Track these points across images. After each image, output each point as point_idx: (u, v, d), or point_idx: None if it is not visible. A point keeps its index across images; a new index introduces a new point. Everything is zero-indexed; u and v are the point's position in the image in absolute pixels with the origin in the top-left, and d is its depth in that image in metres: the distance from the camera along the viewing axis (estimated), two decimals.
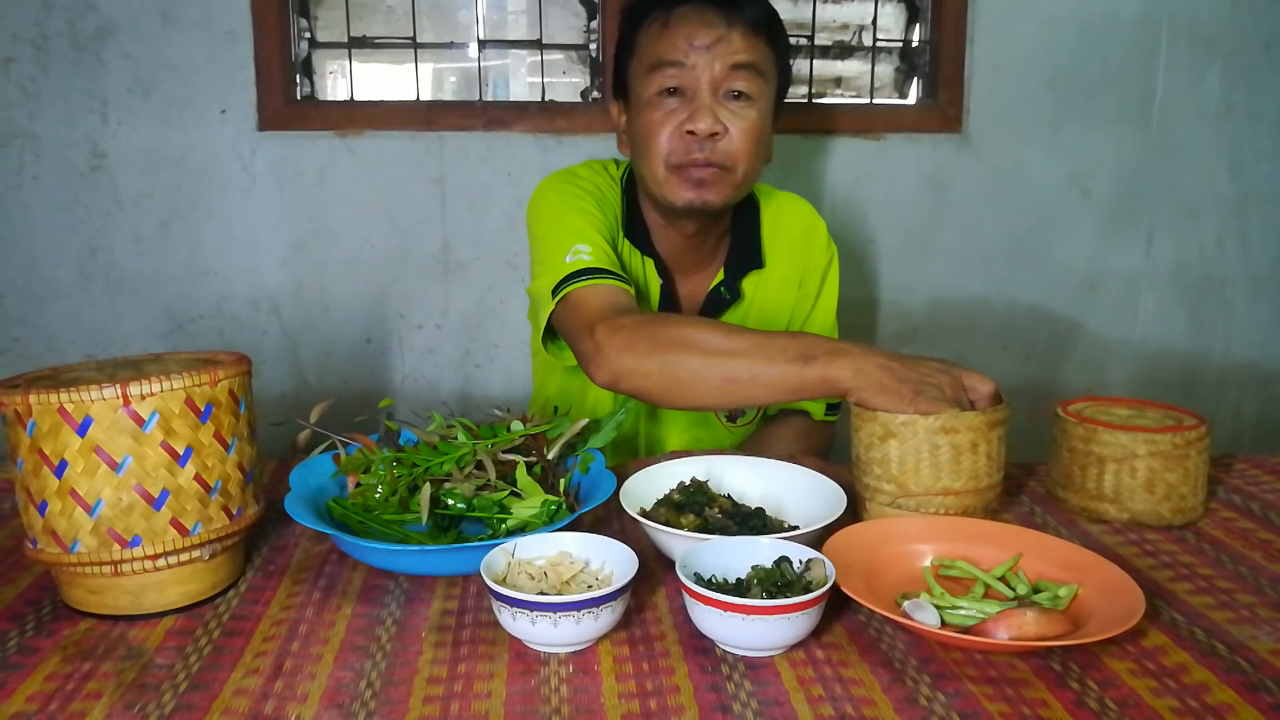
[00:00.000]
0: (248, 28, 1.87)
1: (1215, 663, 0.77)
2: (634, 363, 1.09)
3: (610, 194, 1.37)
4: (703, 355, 1.06)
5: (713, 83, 1.22)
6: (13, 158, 1.88)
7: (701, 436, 1.43)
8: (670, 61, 1.23)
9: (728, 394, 1.07)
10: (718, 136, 1.22)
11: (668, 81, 1.23)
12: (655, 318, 1.19)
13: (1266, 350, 2.22)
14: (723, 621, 0.76)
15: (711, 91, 1.23)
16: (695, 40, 1.22)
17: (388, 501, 0.98)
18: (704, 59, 1.22)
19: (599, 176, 1.38)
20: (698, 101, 1.22)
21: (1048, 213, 2.09)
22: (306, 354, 2.02)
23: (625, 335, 1.11)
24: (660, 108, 1.24)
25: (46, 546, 0.83)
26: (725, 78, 1.22)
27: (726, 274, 1.38)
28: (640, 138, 1.27)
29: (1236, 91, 2.08)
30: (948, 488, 0.98)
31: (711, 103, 1.22)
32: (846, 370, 1.01)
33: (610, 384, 1.12)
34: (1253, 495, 1.14)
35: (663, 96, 1.24)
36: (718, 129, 1.22)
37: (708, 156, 1.23)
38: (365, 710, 0.71)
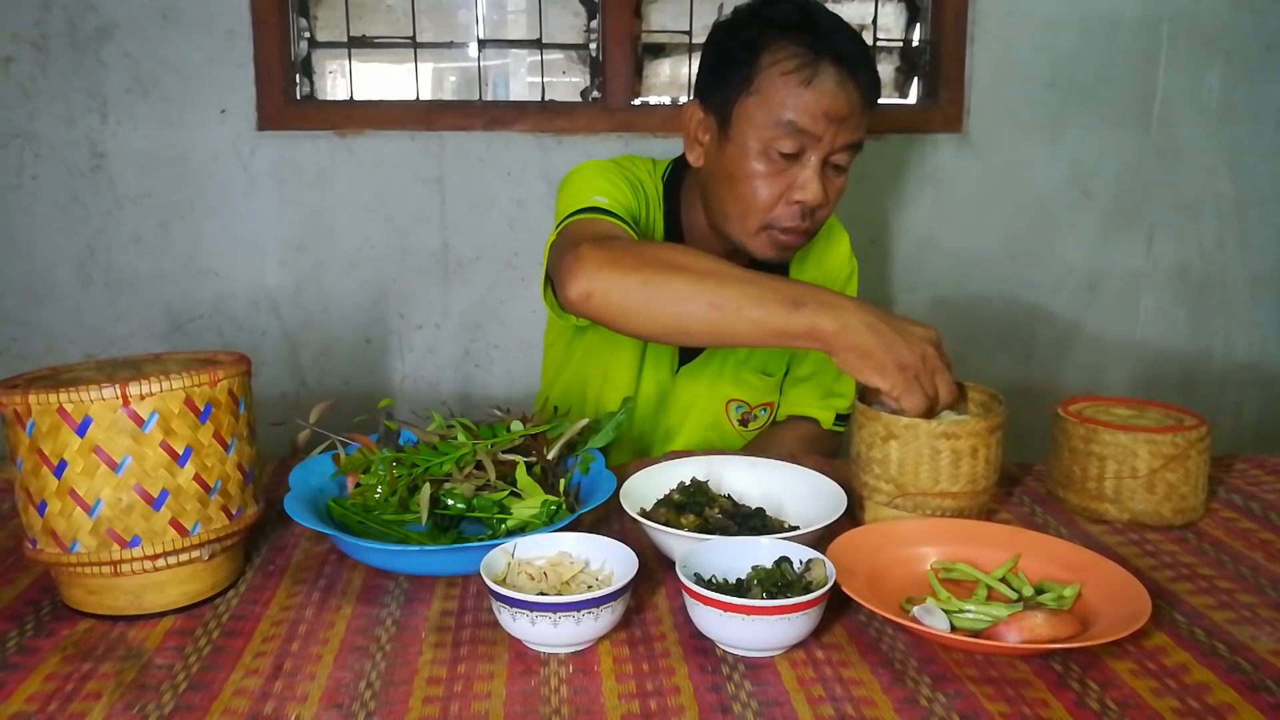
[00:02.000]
0: (247, 27, 1.86)
1: (1216, 663, 0.77)
2: (615, 276, 1.04)
3: (650, 188, 1.34)
4: (691, 278, 1.02)
5: (829, 155, 1.20)
6: (12, 158, 1.88)
7: (712, 439, 1.43)
8: (800, 128, 1.17)
9: (711, 322, 1.02)
10: (820, 209, 1.22)
11: (790, 146, 1.18)
12: (647, 242, 1.14)
13: (1266, 350, 2.22)
14: (723, 621, 0.76)
15: (822, 162, 1.20)
16: (832, 111, 1.17)
17: (387, 501, 0.98)
18: (831, 132, 1.18)
19: (639, 169, 1.35)
20: (809, 170, 1.19)
21: (1048, 213, 2.09)
22: (306, 354, 2.01)
23: (611, 252, 1.07)
24: (772, 166, 1.20)
25: (46, 547, 0.83)
26: (837, 153, 1.20)
27: None
28: (739, 183, 1.22)
29: (1236, 91, 2.08)
30: (946, 490, 0.98)
31: (821, 172, 1.20)
32: (833, 324, 0.98)
33: (582, 299, 1.05)
34: (1253, 495, 1.13)
35: (778, 154, 1.19)
36: (823, 201, 1.20)
37: (805, 224, 1.22)
38: (365, 710, 0.71)
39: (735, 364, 1.41)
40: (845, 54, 1.18)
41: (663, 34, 2.03)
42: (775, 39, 1.19)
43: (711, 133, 1.25)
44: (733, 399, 1.42)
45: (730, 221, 1.25)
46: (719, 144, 1.24)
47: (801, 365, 1.46)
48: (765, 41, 1.19)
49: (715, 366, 1.41)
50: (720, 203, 1.26)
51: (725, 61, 1.23)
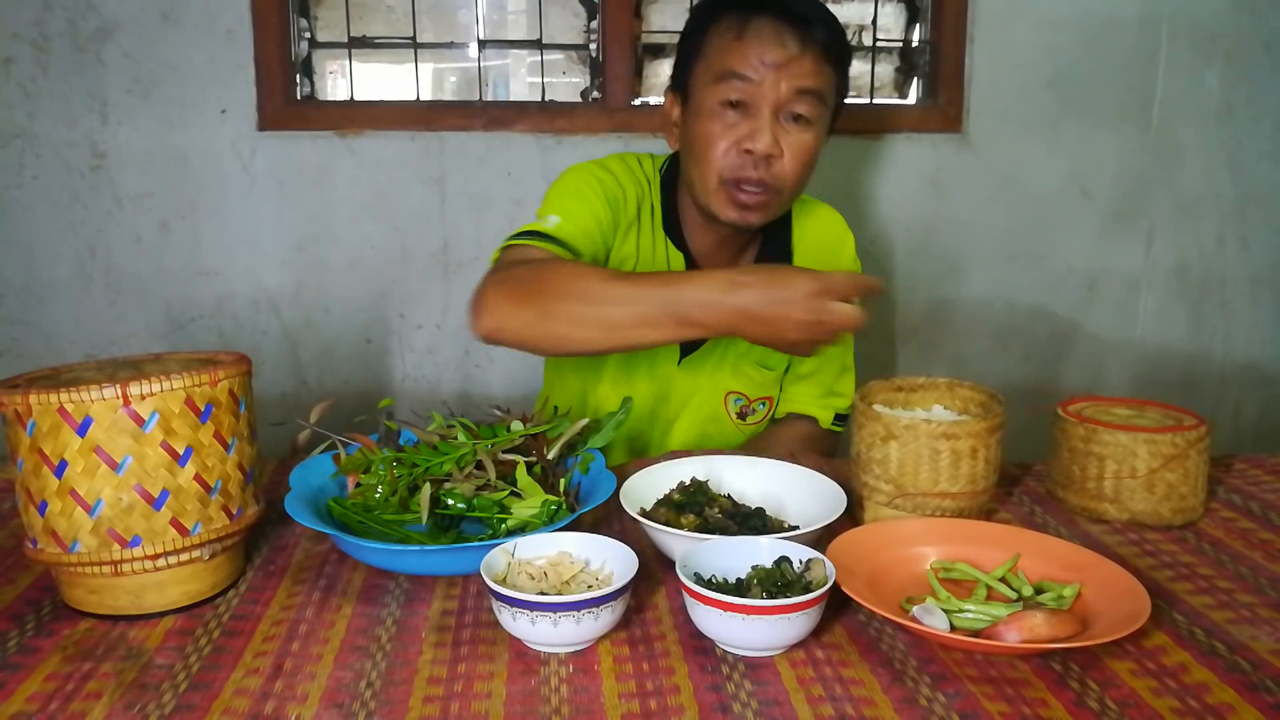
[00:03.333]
0: (248, 28, 1.87)
1: (1215, 662, 0.77)
2: (513, 310, 1.09)
3: (634, 189, 1.37)
4: (583, 304, 1.06)
5: (776, 103, 1.21)
6: (13, 158, 1.88)
7: (710, 431, 1.44)
8: (739, 75, 1.21)
9: (611, 342, 1.08)
10: (773, 158, 1.23)
11: (732, 94, 1.22)
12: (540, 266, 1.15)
13: (1266, 350, 2.22)
14: (723, 621, 0.76)
15: (773, 112, 1.22)
16: (767, 57, 1.20)
17: (388, 501, 0.98)
18: (772, 78, 1.20)
19: (625, 172, 1.37)
20: (759, 120, 1.21)
21: (1048, 213, 2.09)
22: (306, 354, 2.01)
23: (509, 286, 1.11)
24: (720, 119, 1.23)
25: (46, 546, 0.83)
26: (789, 100, 1.22)
27: None
28: (696, 144, 1.26)
29: (1236, 91, 2.08)
30: (946, 490, 0.98)
31: (772, 123, 1.22)
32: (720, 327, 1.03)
33: (492, 334, 1.11)
34: (1253, 495, 1.14)
35: (724, 108, 1.23)
36: (775, 151, 1.22)
37: (760, 176, 1.23)
38: (365, 710, 0.71)
39: (735, 356, 1.41)
40: (789, 8, 1.21)
41: (663, 34, 2.03)
42: (722, 12, 1.25)
43: (677, 115, 1.32)
44: (731, 391, 1.43)
45: (696, 188, 1.29)
46: (684, 119, 1.30)
47: (803, 363, 1.46)
48: (713, 15, 1.26)
49: (716, 359, 1.41)
50: (689, 173, 1.30)
51: (685, 40, 1.31)
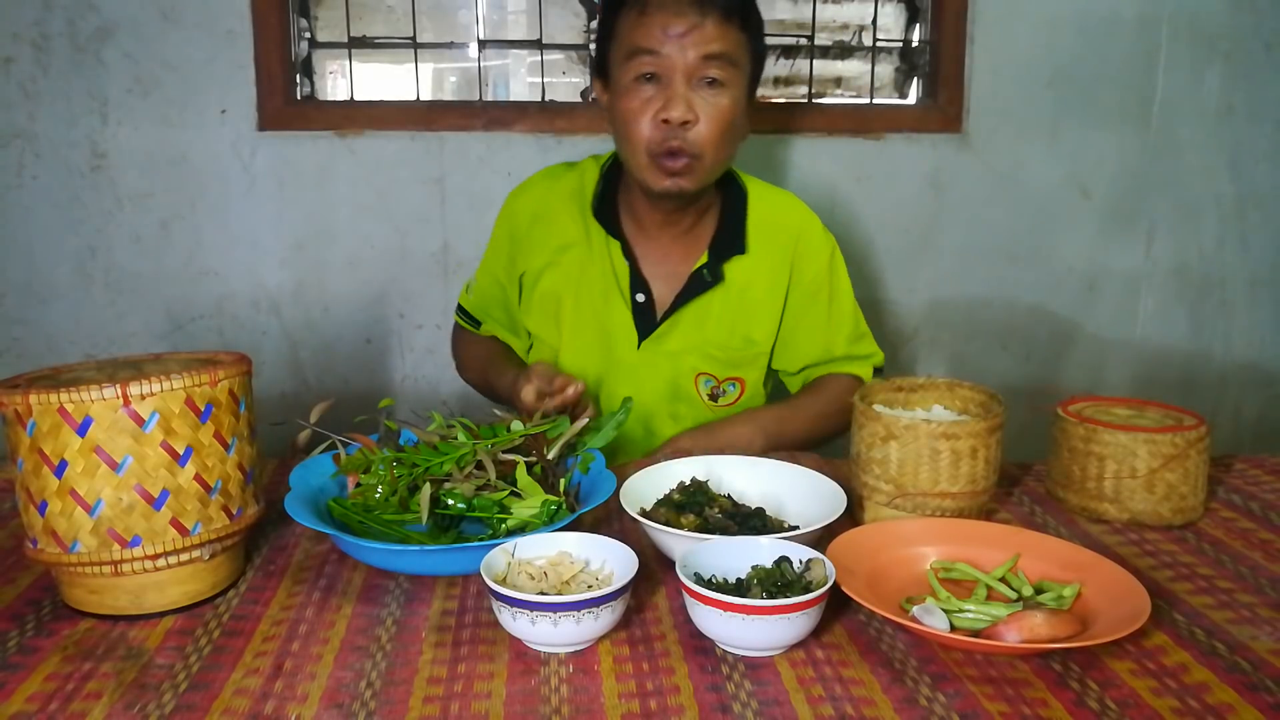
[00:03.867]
0: (248, 28, 1.86)
1: (1215, 662, 0.77)
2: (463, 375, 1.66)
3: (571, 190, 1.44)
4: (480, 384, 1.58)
5: (686, 71, 1.26)
6: (13, 158, 1.88)
7: (683, 413, 1.45)
8: (646, 49, 1.26)
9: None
10: (689, 125, 1.27)
11: (643, 69, 1.28)
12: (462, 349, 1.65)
13: (1266, 350, 2.22)
14: (723, 621, 0.76)
15: (685, 79, 1.27)
16: (670, 29, 1.25)
17: (388, 501, 0.98)
18: (677, 47, 1.26)
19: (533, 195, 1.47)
20: (672, 89, 1.27)
21: (1048, 213, 2.09)
22: (306, 354, 2.01)
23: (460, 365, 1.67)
24: (637, 95, 1.29)
25: (46, 546, 0.83)
26: (698, 66, 1.27)
27: (711, 256, 1.41)
28: (619, 122, 1.32)
29: (1236, 91, 2.08)
30: (946, 490, 0.98)
31: (685, 90, 1.27)
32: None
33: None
34: (1253, 495, 1.14)
35: (639, 83, 1.28)
36: (690, 117, 1.27)
37: (680, 145, 1.28)
38: (365, 710, 0.71)
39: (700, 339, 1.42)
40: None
41: None
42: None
43: (605, 100, 1.38)
44: (701, 373, 1.44)
45: (630, 165, 1.35)
46: (610, 101, 1.36)
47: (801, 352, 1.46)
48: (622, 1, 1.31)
49: (678, 341, 1.42)
50: (622, 153, 1.37)
51: (601, 34, 1.37)
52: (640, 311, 1.42)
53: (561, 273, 1.44)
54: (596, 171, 1.46)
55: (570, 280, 1.44)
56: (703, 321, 1.42)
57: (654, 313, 1.42)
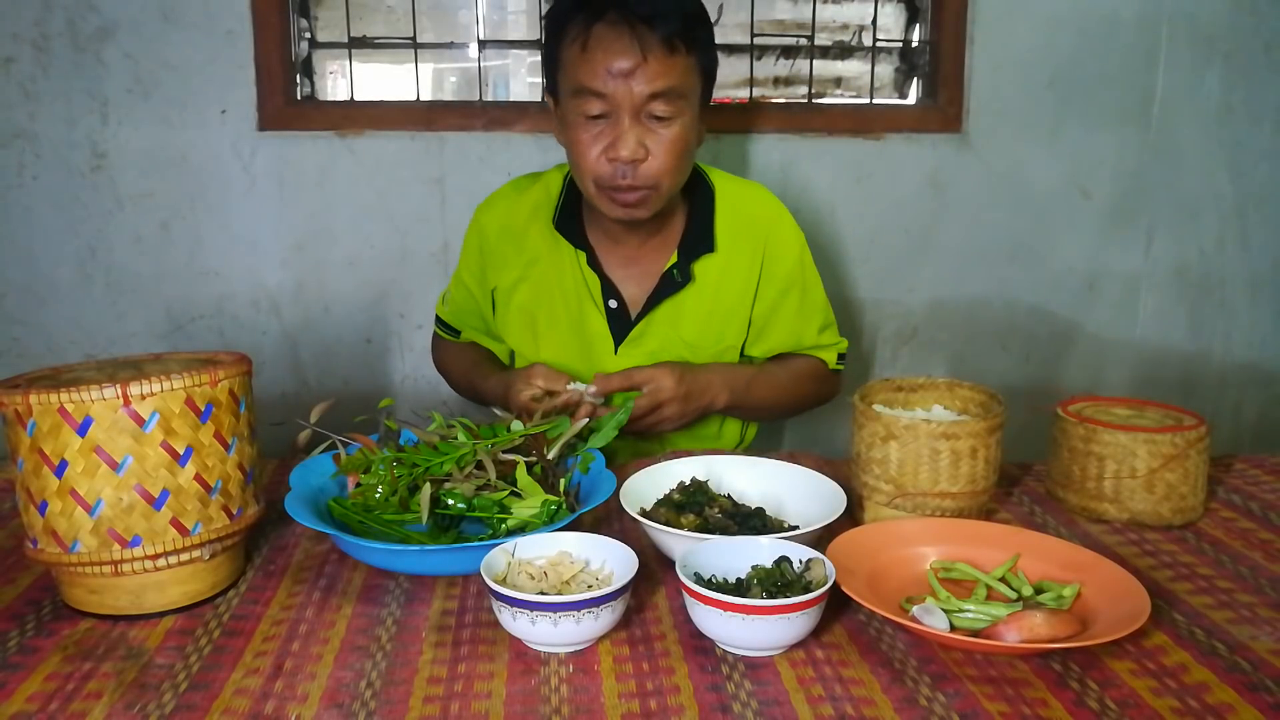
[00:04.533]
0: (248, 28, 1.86)
1: (1215, 662, 0.77)
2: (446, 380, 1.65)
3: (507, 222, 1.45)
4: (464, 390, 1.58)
5: (633, 108, 1.24)
6: (13, 158, 1.88)
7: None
8: (590, 90, 1.24)
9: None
10: (638, 162, 1.26)
11: (590, 109, 1.25)
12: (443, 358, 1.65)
13: (1266, 350, 2.22)
14: (723, 621, 0.76)
15: (633, 115, 1.25)
16: (612, 67, 1.22)
17: (388, 501, 0.98)
18: (622, 87, 1.23)
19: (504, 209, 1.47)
20: (620, 127, 1.25)
21: (1048, 213, 2.09)
22: (306, 354, 2.01)
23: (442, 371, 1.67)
24: (586, 129, 1.27)
25: (47, 546, 0.83)
26: (644, 103, 1.24)
27: (680, 257, 1.40)
28: (570, 151, 1.31)
29: (1236, 92, 2.08)
30: (946, 490, 0.98)
31: (632, 127, 1.25)
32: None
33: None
34: (1253, 495, 1.14)
35: (586, 120, 1.26)
36: (639, 155, 1.25)
37: (631, 182, 1.27)
38: (365, 710, 0.71)
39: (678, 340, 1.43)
40: (628, 8, 1.22)
41: None
42: (569, 16, 1.27)
43: (554, 114, 1.36)
44: None
45: (583, 190, 1.34)
46: (558, 123, 1.35)
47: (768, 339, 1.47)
48: (563, 20, 1.28)
49: (655, 344, 1.42)
50: (574, 176, 1.36)
51: (545, 47, 1.34)
52: (614, 317, 1.42)
53: (533, 286, 1.44)
54: (560, 181, 1.45)
55: (543, 293, 1.44)
56: (676, 322, 1.42)
57: (628, 317, 1.42)
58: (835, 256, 2.04)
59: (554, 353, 1.44)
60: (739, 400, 1.40)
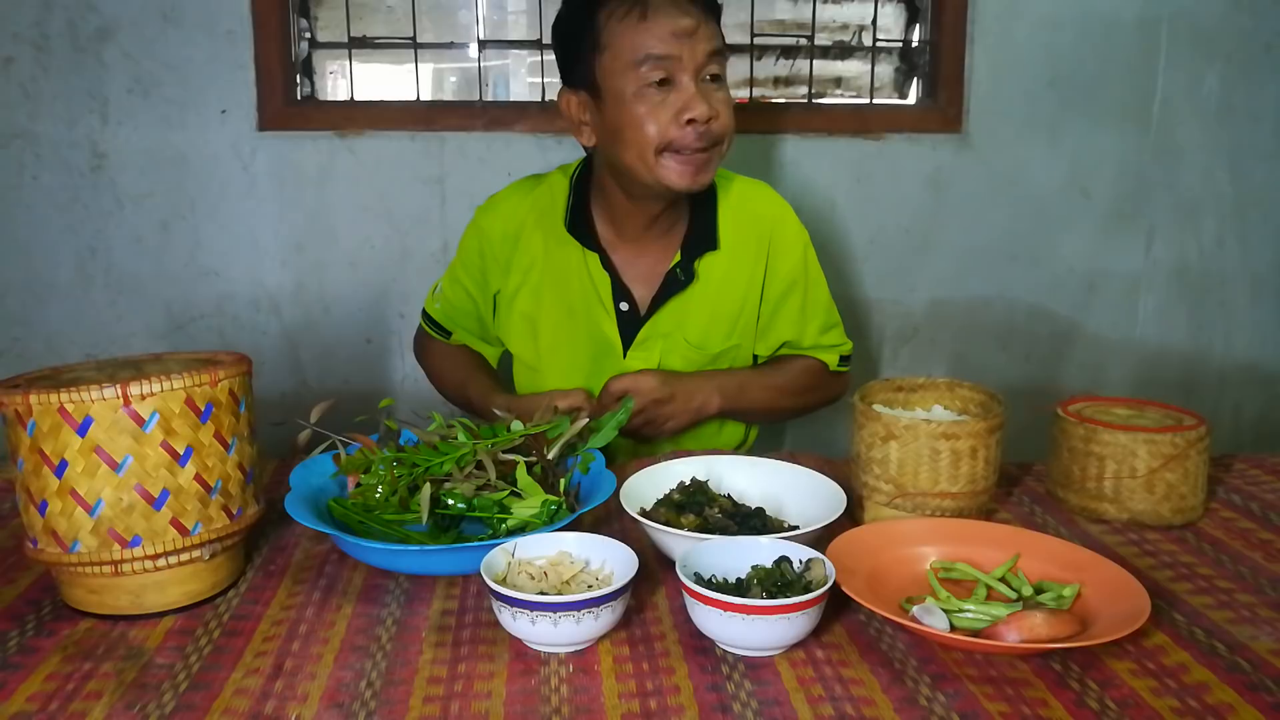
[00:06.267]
0: (248, 28, 1.86)
1: (1215, 662, 0.77)
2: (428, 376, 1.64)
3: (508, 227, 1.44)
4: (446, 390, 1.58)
5: (696, 70, 1.26)
6: (13, 158, 1.88)
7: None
8: (658, 56, 1.24)
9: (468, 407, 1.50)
10: (713, 119, 1.27)
11: (656, 75, 1.25)
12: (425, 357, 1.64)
13: (1266, 350, 2.22)
14: (723, 621, 0.76)
15: (696, 78, 1.26)
16: (677, 29, 1.24)
17: (388, 501, 0.98)
18: (688, 49, 1.25)
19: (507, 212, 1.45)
20: (689, 90, 1.26)
21: (1048, 213, 2.09)
22: (306, 354, 2.01)
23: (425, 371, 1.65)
24: (649, 100, 1.26)
25: (47, 546, 0.83)
26: (705, 64, 1.26)
27: (683, 255, 1.40)
28: (626, 130, 1.28)
29: (1236, 92, 2.08)
30: (945, 490, 0.98)
31: (700, 89, 1.26)
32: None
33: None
34: (1253, 495, 1.14)
35: (650, 89, 1.26)
36: (713, 113, 1.26)
37: (704, 144, 1.27)
38: (365, 710, 0.71)
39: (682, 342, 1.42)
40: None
41: None
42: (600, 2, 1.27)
43: (589, 107, 1.33)
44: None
45: (635, 170, 1.31)
46: (600, 112, 1.31)
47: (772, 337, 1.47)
48: (596, 5, 1.28)
49: (661, 348, 1.42)
50: (621, 161, 1.31)
51: (571, 40, 1.32)
52: (625, 320, 1.41)
53: (536, 291, 1.43)
54: (566, 184, 1.44)
55: (546, 298, 1.43)
56: (682, 321, 1.42)
57: (638, 319, 1.42)
58: (835, 256, 2.04)
59: (558, 358, 1.44)
60: (733, 404, 1.40)
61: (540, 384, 1.46)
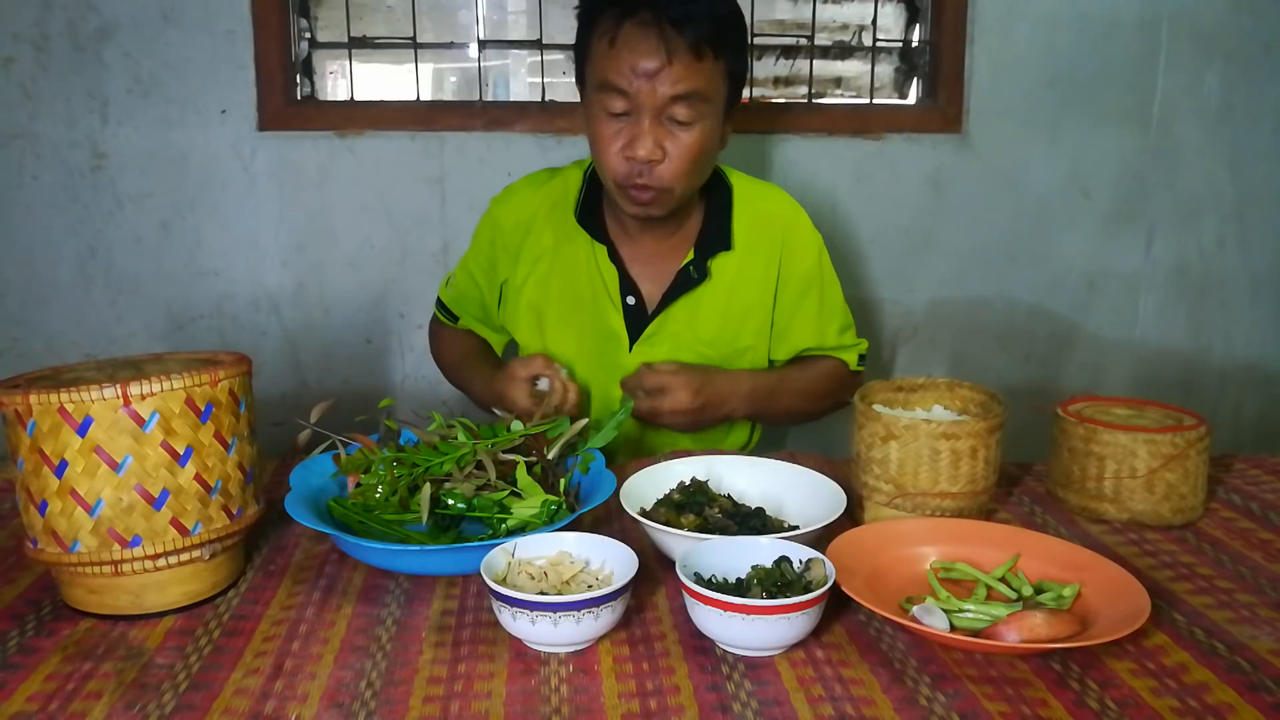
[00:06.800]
0: (248, 28, 1.86)
1: (1215, 662, 0.77)
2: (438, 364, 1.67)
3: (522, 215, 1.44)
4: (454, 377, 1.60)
5: (654, 109, 1.24)
6: (13, 158, 1.88)
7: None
8: (614, 87, 1.24)
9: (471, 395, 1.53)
10: (654, 163, 1.26)
11: (613, 106, 1.26)
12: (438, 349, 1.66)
13: (1266, 350, 2.22)
14: (723, 621, 0.76)
15: (654, 116, 1.25)
16: (637, 67, 1.22)
17: (388, 501, 0.98)
18: (646, 87, 1.23)
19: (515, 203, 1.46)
20: (639, 127, 1.25)
21: (1048, 213, 2.09)
22: (306, 354, 2.01)
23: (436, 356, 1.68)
24: (607, 125, 1.28)
25: (47, 546, 0.83)
26: (666, 106, 1.25)
27: (696, 254, 1.40)
28: (593, 145, 1.32)
29: (1236, 92, 2.08)
30: (945, 490, 0.98)
31: (652, 127, 1.25)
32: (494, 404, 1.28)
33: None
34: (1253, 495, 1.14)
35: (608, 115, 1.27)
36: (656, 156, 1.25)
37: (645, 182, 1.27)
38: (365, 710, 0.71)
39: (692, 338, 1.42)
40: (660, 8, 1.22)
41: None
42: (601, 10, 1.27)
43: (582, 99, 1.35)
44: None
45: (604, 183, 1.34)
46: (586, 119, 1.34)
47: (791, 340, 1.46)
48: (595, 12, 1.28)
49: (669, 344, 1.42)
50: (596, 168, 1.36)
51: (579, 36, 1.33)
52: (632, 314, 1.41)
53: (545, 282, 1.44)
54: (580, 176, 1.45)
55: (554, 289, 1.43)
56: (692, 320, 1.42)
57: (645, 314, 1.42)
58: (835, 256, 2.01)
59: (564, 349, 1.44)
60: (760, 410, 1.41)
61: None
